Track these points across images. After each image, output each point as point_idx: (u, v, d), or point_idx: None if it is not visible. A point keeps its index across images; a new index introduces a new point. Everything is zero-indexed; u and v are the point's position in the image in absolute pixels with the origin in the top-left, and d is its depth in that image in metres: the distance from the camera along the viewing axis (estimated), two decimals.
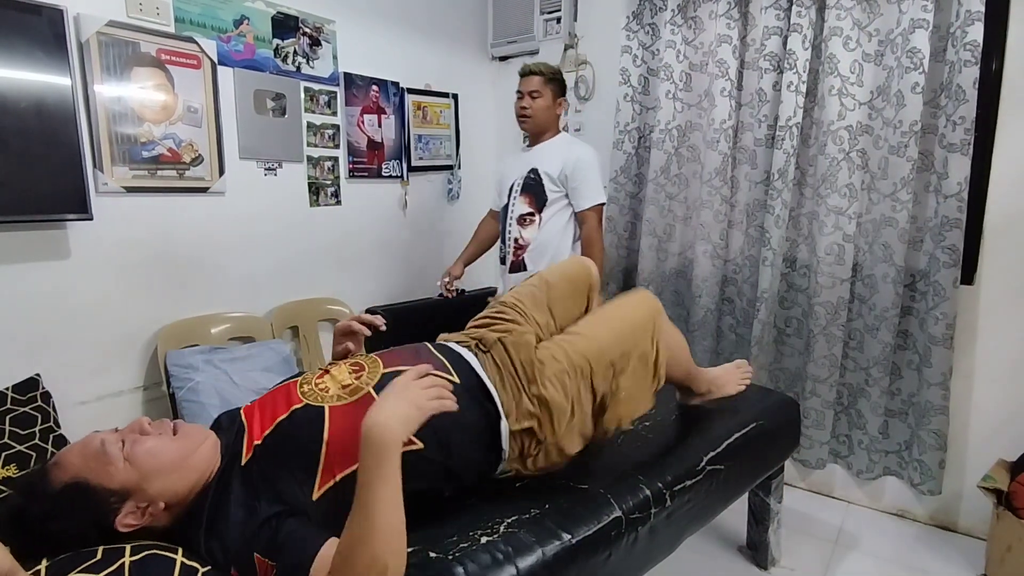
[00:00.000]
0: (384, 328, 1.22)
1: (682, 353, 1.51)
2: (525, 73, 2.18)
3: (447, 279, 2.34)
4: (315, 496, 0.91)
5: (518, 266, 2.19)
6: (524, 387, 1.13)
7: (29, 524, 0.82)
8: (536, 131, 2.20)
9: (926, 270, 1.92)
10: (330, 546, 0.83)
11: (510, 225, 2.21)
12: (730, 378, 1.65)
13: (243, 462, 0.94)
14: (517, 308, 1.31)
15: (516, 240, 2.19)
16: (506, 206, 2.24)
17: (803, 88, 2.01)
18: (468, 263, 2.42)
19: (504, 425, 1.10)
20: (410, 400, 0.88)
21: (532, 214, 2.17)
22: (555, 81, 2.17)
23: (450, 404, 0.93)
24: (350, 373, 1.07)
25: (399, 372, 1.04)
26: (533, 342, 1.20)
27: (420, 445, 0.97)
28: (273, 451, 0.94)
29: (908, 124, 1.86)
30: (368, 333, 1.22)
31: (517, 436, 1.12)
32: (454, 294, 2.37)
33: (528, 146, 2.27)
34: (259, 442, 0.96)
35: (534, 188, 2.15)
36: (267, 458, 0.94)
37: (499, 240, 2.32)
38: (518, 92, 2.19)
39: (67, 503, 0.83)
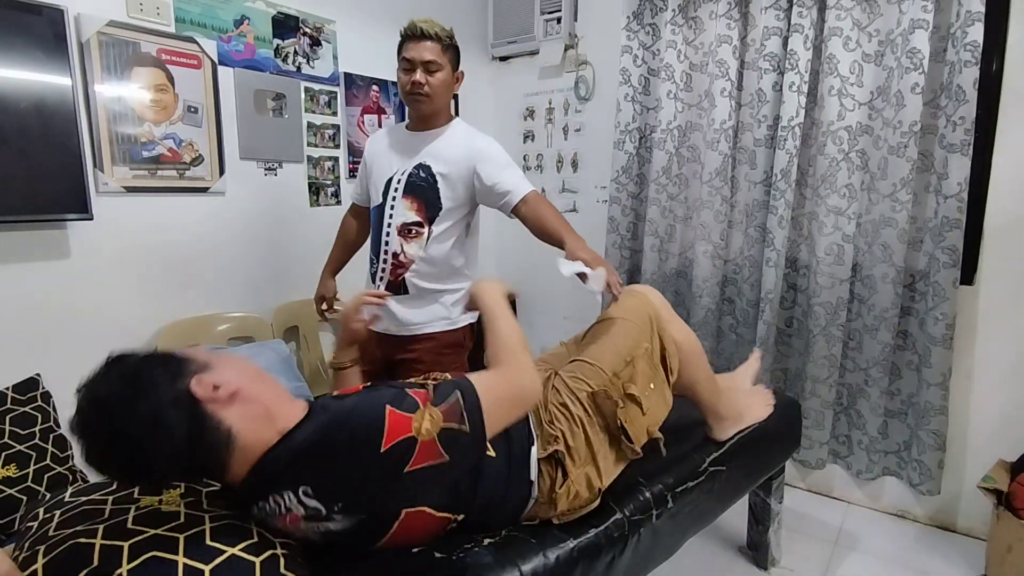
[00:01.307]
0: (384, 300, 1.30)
1: (697, 356, 1.38)
2: (416, 35, 1.56)
3: (324, 306, 1.90)
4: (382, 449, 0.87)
5: (397, 287, 1.66)
6: (541, 413, 1.15)
7: (123, 363, 0.85)
8: (429, 113, 1.65)
9: (926, 270, 1.92)
10: (477, 377, 0.93)
11: (387, 234, 1.65)
12: (754, 401, 1.58)
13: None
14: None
15: (396, 255, 1.64)
16: (380, 207, 1.67)
17: (804, 88, 2.01)
18: (336, 272, 1.94)
19: (534, 451, 1.09)
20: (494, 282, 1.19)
21: (420, 224, 1.63)
22: (453, 48, 1.63)
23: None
24: None
25: None
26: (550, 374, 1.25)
27: (493, 453, 1.02)
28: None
29: (908, 124, 1.86)
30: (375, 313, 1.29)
31: (544, 469, 1.09)
32: (337, 313, 1.91)
33: (411, 129, 1.70)
34: None
35: (425, 192, 1.62)
36: None
37: (370, 249, 1.75)
38: (405, 60, 1.58)
39: (156, 356, 0.88)
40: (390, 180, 1.66)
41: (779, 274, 2.13)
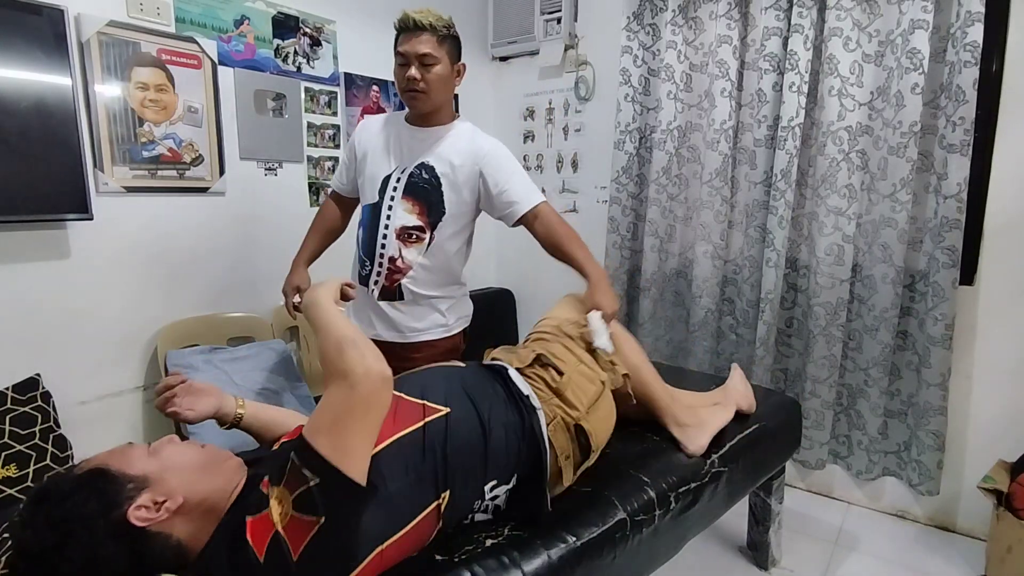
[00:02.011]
0: (181, 383, 1.11)
1: (638, 351, 1.45)
2: (409, 27, 1.46)
3: (297, 299, 1.67)
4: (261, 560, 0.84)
5: (392, 293, 1.58)
6: (516, 349, 1.28)
7: (47, 504, 0.80)
8: (429, 111, 1.55)
9: (925, 271, 1.92)
10: (310, 419, 0.86)
11: (384, 236, 1.54)
12: (716, 410, 1.52)
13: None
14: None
15: (392, 260, 1.55)
16: (376, 206, 1.56)
17: (804, 88, 2.01)
18: (311, 262, 1.76)
19: (512, 372, 1.15)
20: (325, 286, 1.05)
21: (421, 229, 1.54)
22: (451, 39, 1.53)
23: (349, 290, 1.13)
24: None
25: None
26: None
27: (446, 409, 1.01)
28: None
29: (908, 125, 1.86)
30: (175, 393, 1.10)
31: (535, 375, 1.17)
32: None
33: (412, 123, 1.59)
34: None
35: (428, 194, 1.53)
36: None
37: (359, 249, 1.62)
38: (400, 54, 1.47)
39: (86, 483, 0.82)
40: (387, 178, 1.55)
41: (779, 274, 2.14)
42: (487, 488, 1.01)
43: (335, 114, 2.40)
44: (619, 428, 1.47)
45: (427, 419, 0.97)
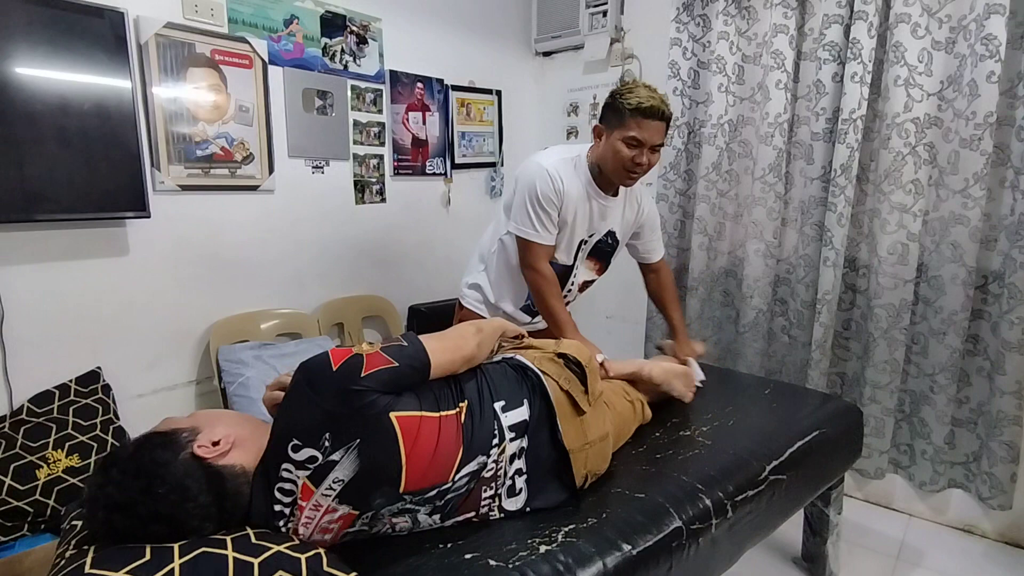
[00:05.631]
0: None
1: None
2: (655, 115, 1.44)
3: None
4: (333, 368, 0.98)
5: None
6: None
7: (119, 464, 0.86)
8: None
9: (1000, 271, 1.81)
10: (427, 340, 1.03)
11: (568, 292, 1.75)
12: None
13: None
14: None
15: (567, 301, 1.79)
16: (569, 267, 1.69)
17: (867, 79, 1.91)
18: None
19: (525, 360, 1.20)
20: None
21: (592, 281, 1.82)
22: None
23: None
24: None
25: None
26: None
27: (464, 405, 1.05)
28: None
29: (983, 115, 1.75)
30: None
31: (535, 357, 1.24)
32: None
33: (605, 191, 1.63)
34: None
35: (606, 255, 1.75)
36: None
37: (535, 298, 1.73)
38: (633, 139, 1.46)
39: (145, 442, 0.89)
40: (582, 242, 1.67)
41: (837, 274, 2.04)
42: (498, 408, 1.06)
43: (380, 112, 2.41)
44: (670, 432, 1.44)
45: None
